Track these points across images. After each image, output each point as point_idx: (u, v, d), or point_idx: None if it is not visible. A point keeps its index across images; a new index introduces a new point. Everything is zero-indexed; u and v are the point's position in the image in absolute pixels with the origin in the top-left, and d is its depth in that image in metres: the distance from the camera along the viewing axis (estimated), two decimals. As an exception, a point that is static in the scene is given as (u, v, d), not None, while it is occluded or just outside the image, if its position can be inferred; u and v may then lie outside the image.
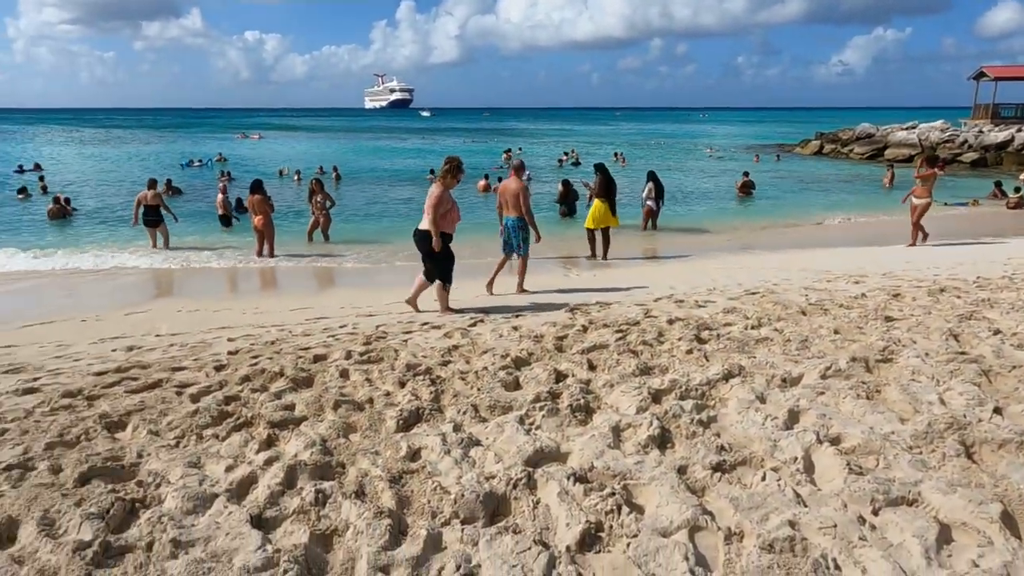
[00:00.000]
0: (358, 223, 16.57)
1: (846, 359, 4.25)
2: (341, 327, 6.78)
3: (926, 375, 4.02)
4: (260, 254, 12.69)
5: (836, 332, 5.26)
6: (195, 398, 4.49)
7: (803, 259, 11.37)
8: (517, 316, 6.87)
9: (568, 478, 2.83)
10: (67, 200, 16.99)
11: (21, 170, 29.82)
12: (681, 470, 2.91)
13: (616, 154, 36.44)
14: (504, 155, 36.74)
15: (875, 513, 2.58)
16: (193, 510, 2.77)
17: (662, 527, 2.49)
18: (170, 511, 2.75)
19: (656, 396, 3.86)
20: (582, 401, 3.79)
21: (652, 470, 2.90)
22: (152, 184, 13.86)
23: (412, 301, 7.44)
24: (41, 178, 24.19)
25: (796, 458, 2.97)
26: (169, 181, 21.57)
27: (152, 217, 13.36)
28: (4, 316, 8.12)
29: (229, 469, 3.16)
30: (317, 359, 5.41)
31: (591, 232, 12.18)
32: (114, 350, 6.13)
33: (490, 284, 8.49)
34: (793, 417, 3.46)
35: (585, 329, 5.98)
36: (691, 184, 25.49)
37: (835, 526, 2.45)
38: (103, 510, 2.73)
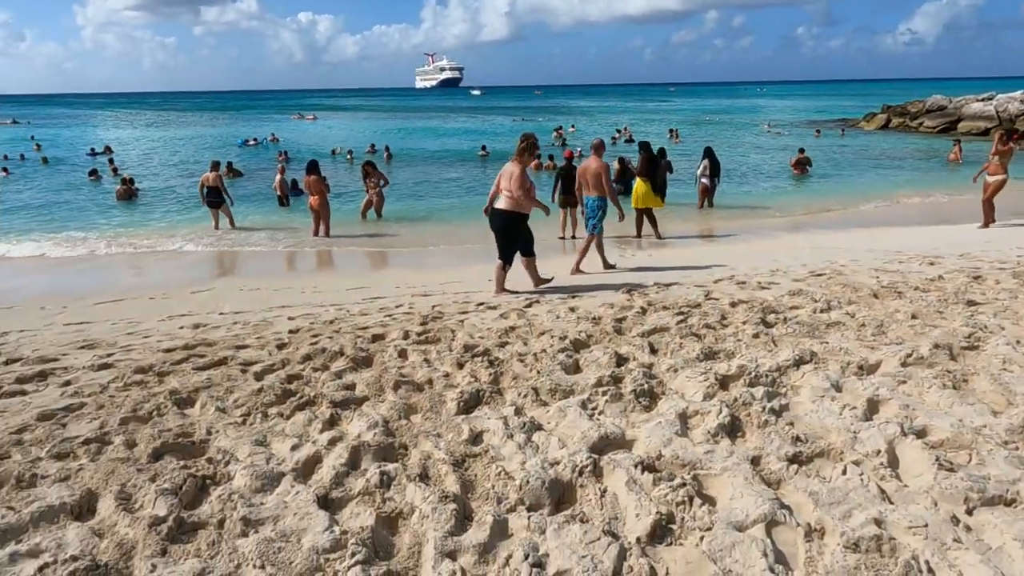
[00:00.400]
0: (410, 202, 16.68)
1: (928, 346, 4.01)
2: (397, 307, 6.82)
3: (1019, 364, 3.75)
4: (316, 233, 12.90)
5: (914, 317, 4.97)
6: (259, 376, 4.58)
7: (869, 238, 10.86)
8: (573, 297, 6.76)
9: (635, 466, 2.75)
10: (131, 180, 17.62)
11: (93, 153, 31.12)
12: (754, 461, 2.79)
13: (671, 131, 35.61)
14: (555, 133, 36.34)
15: (969, 513, 2.41)
16: (261, 488, 2.81)
17: (737, 521, 2.38)
18: (239, 489, 2.79)
19: (723, 382, 3.72)
20: (646, 386, 3.68)
21: (724, 460, 2.78)
22: (215, 166, 14.24)
23: (500, 290, 7.19)
24: (111, 160, 25.21)
25: (879, 451, 2.80)
26: (230, 164, 22.13)
27: (214, 198, 13.73)
28: (79, 294, 8.48)
29: (294, 448, 3.19)
30: (375, 338, 5.44)
31: (638, 212, 11.99)
32: (181, 327, 6.32)
33: (604, 263, 8.61)
34: (873, 407, 3.28)
35: (644, 311, 5.84)
36: (748, 161, 24.68)
37: (926, 526, 2.30)
38: (176, 486, 2.80)
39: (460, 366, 4.48)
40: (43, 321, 6.97)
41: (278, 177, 16.35)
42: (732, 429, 3.13)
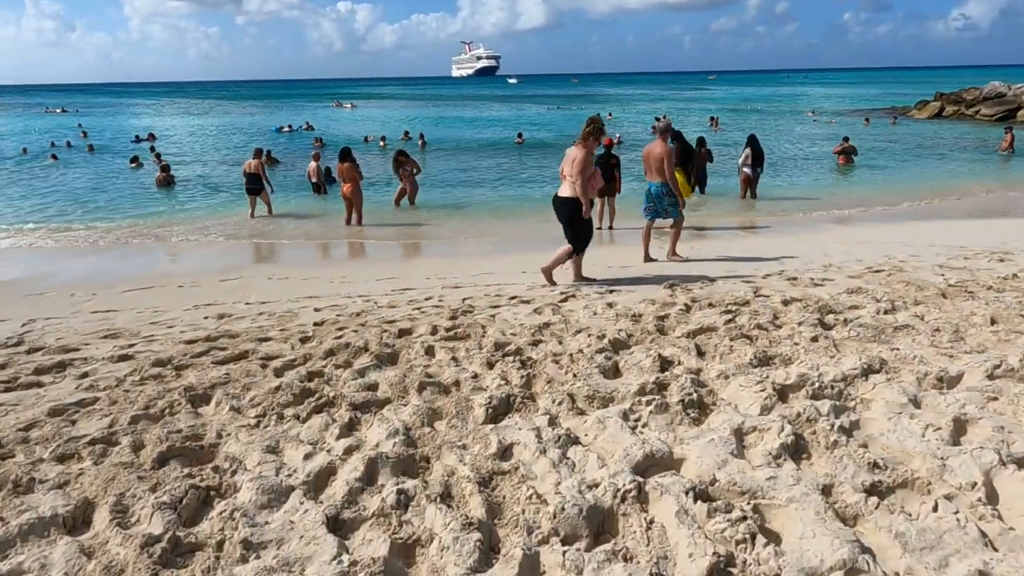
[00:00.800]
0: (444, 191, 16.41)
1: (1018, 356, 3.54)
2: (427, 299, 6.54)
3: None
4: (349, 222, 12.73)
5: (994, 321, 4.48)
6: (279, 372, 4.34)
7: (927, 232, 10.20)
8: (611, 292, 6.39)
9: (686, 493, 2.40)
10: (167, 167, 17.70)
11: (138, 140, 31.66)
12: (826, 491, 2.41)
13: (711, 119, 34.67)
14: (592, 121, 35.72)
15: (1093, 565, 2.01)
16: (268, 504, 2.55)
17: (810, 567, 2.02)
18: (244, 505, 2.53)
19: (782, 393, 3.33)
20: (694, 395, 3.31)
21: (789, 488, 2.41)
22: (257, 153, 14.20)
23: (548, 271, 6.91)
24: (152, 148, 25.55)
25: (975, 484, 2.40)
26: (268, 152, 22.17)
27: (253, 185, 13.68)
28: (110, 281, 8.42)
29: (308, 457, 2.92)
30: (402, 333, 5.17)
31: None
32: (206, 317, 6.15)
33: (646, 254, 8.24)
34: (960, 428, 2.86)
35: (688, 308, 5.44)
36: (792, 150, 23.77)
37: (1043, 582, 1.91)
38: (176, 499, 2.55)
39: (490, 366, 4.17)
40: (71, 309, 6.89)
41: (313, 164, 16.24)
42: (796, 450, 2.75)
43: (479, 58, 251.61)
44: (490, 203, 14.73)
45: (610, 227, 11.91)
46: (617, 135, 26.68)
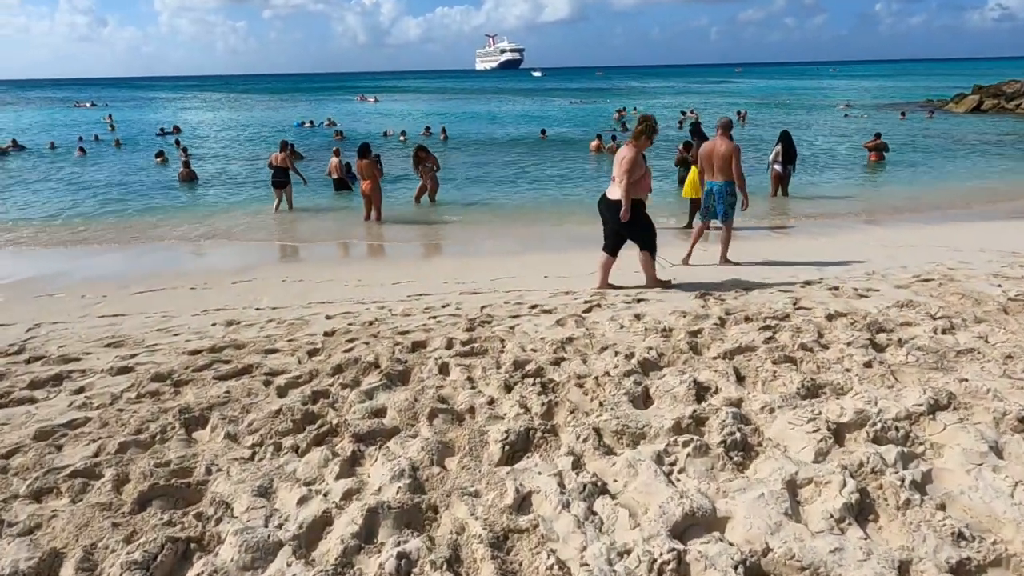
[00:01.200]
0: (465, 188, 16.07)
1: (1110, 392, 3.11)
2: (443, 307, 6.22)
3: None
4: (368, 219, 12.48)
5: (1071, 345, 4.03)
6: (282, 391, 4.05)
7: (973, 235, 9.63)
8: (639, 301, 6.00)
9: (735, 568, 2.04)
10: (187, 163, 17.58)
11: (162, 133, 31.83)
12: (903, 569, 2.03)
13: (739, 113, 33.88)
14: (616, 114, 35.17)
15: None
16: (251, 564, 2.23)
17: None
18: (224, 565, 2.22)
19: (838, 434, 2.94)
20: (737, 435, 2.94)
21: (859, 565, 2.04)
22: (283, 146, 14.01)
23: (603, 285, 6.58)
24: (177, 142, 25.60)
25: (1085, 565, 2.00)
26: (292, 146, 22.05)
27: (279, 179, 13.51)
28: (122, 281, 8.24)
29: (302, 502, 2.61)
30: (415, 347, 4.86)
31: (692, 203, 11.09)
32: (214, 324, 5.90)
33: (687, 256, 7.85)
34: (1055, 486, 2.45)
35: (722, 322, 5.04)
36: (824, 145, 23.01)
37: None
38: (150, 556, 2.25)
39: (508, 389, 3.83)
40: (79, 312, 6.70)
41: (334, 160, 16.03)
42: (862, 510, 2.36)
43: (503, 51, 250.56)
44: (512, 201, 14.37)
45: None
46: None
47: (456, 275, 8.03)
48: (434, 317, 5.79)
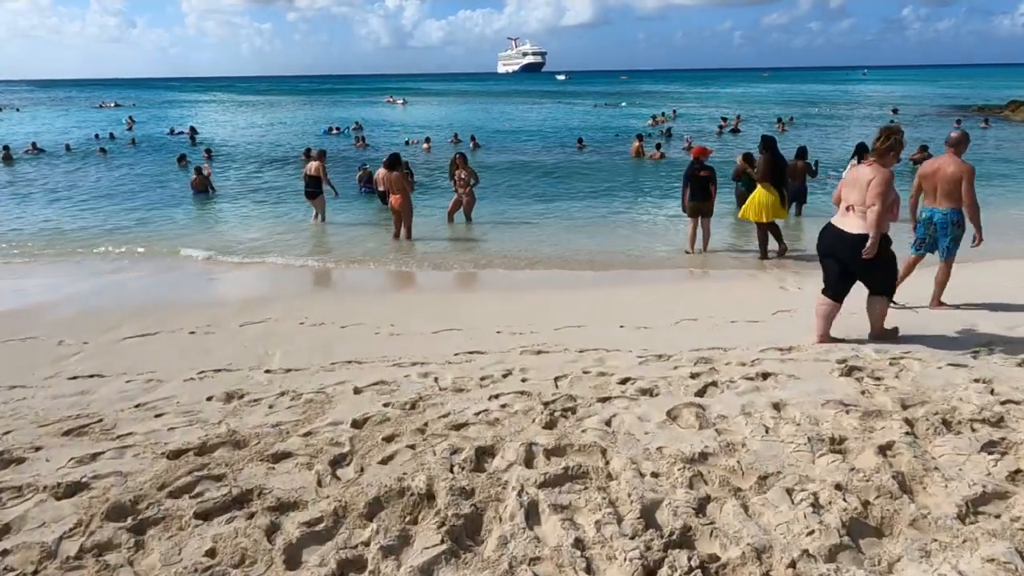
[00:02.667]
0: (502, 202, 14.65)
1: None
2: (505, 376, 4.81)
3: None
4: (397, 236, 11.18)
5: None
6: (293, 554, 2.68)
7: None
8: (764, 377, 4.52)
9: None
10: (199, 169, 16.34)
11: (172, 132, 30.90)
12: None
13: (779, 120, 32.16)
14: (651, 121, 33.65)
15: None
16: None
17: None
18: None
19: None
20: None
21: None
22: (320, 155, 12.93)
23: (824, 338, 5.26)
24: (195, 141, 24.58)
25: None
26: (323, 153, 20.84)
27: (312, 189, 12.39)
28: (111, 318, 6.93)
29: None
30: (481, 455, 3.46)
31: (760, 227, 9.59)
32: (209, 399, 4.54)
33: (935, 298, 6.41)
34: None
35: (910, 428, 3.57)
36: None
37: None
38: None
39: (647, 571, 2.41)
40: (48, 369, 5.40)
41: (367, 171, 14.75)
42: None
43: (525, 54, 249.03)
44: (556, 219, 12.93)
45: (703, 251, 10.10)
46: (687, 137, 24.53)
47: (508, 318, 6.64)
48: (496, 396, 4.37)
